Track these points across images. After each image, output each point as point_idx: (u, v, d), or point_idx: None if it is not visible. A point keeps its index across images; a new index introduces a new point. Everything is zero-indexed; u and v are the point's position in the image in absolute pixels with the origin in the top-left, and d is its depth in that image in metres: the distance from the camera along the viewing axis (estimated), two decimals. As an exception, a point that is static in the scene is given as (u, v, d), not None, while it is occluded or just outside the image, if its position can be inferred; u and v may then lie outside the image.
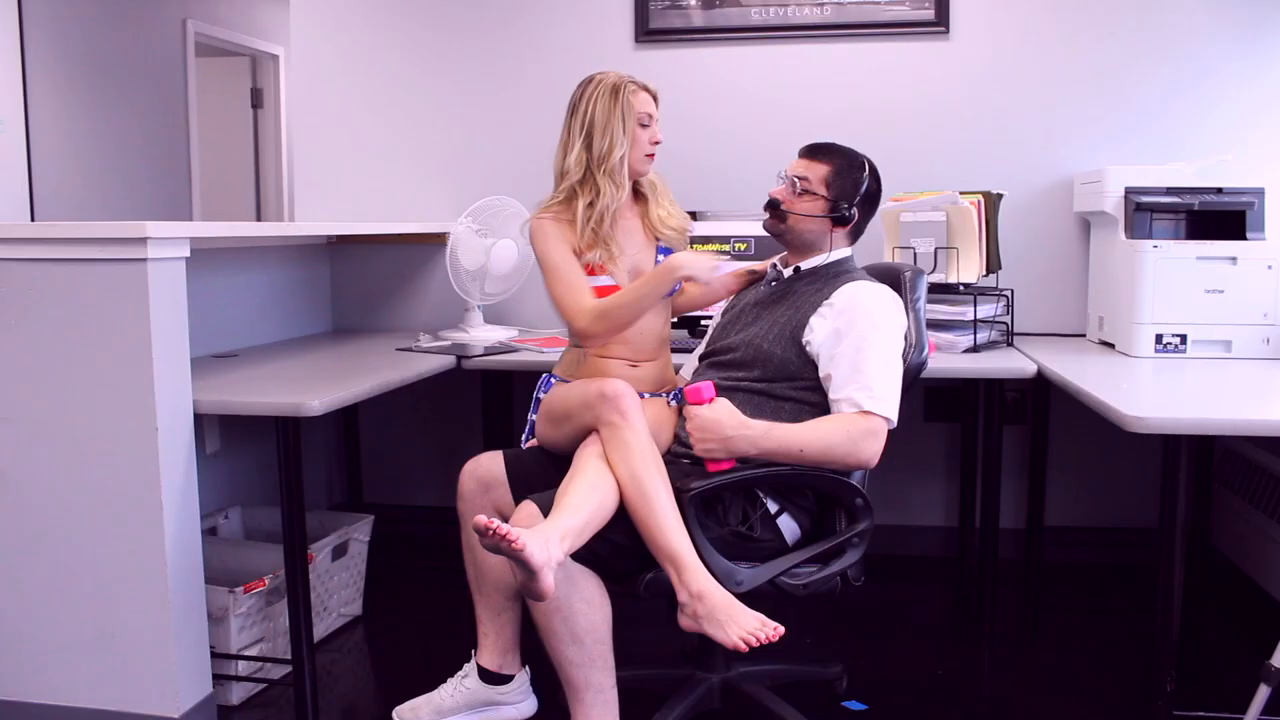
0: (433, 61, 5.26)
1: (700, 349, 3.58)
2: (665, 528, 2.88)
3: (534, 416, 3.48)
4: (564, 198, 3.44)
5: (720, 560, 2.93)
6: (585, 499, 2.88)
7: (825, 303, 3.16)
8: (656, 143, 3.51)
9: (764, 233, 3.42)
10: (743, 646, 2.77)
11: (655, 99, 3.52)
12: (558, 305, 3.42)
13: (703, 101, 4.99)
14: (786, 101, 4.98)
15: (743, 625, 2.79)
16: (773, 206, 3.31)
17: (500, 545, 2.63)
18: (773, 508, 3.08)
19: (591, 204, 3.39)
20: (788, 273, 3.35)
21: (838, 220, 3.27)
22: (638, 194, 3.58)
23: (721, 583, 2.87)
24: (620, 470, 2.94)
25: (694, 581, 2.83)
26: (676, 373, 3.68)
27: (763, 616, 2.80)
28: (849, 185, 3.27)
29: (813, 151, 3.34)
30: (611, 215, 3.42)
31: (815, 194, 3.26)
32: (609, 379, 3.11)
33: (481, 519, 2.63)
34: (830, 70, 4.96)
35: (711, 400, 2.97)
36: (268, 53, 8.75)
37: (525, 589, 2.74)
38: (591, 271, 3.41)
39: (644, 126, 3.46)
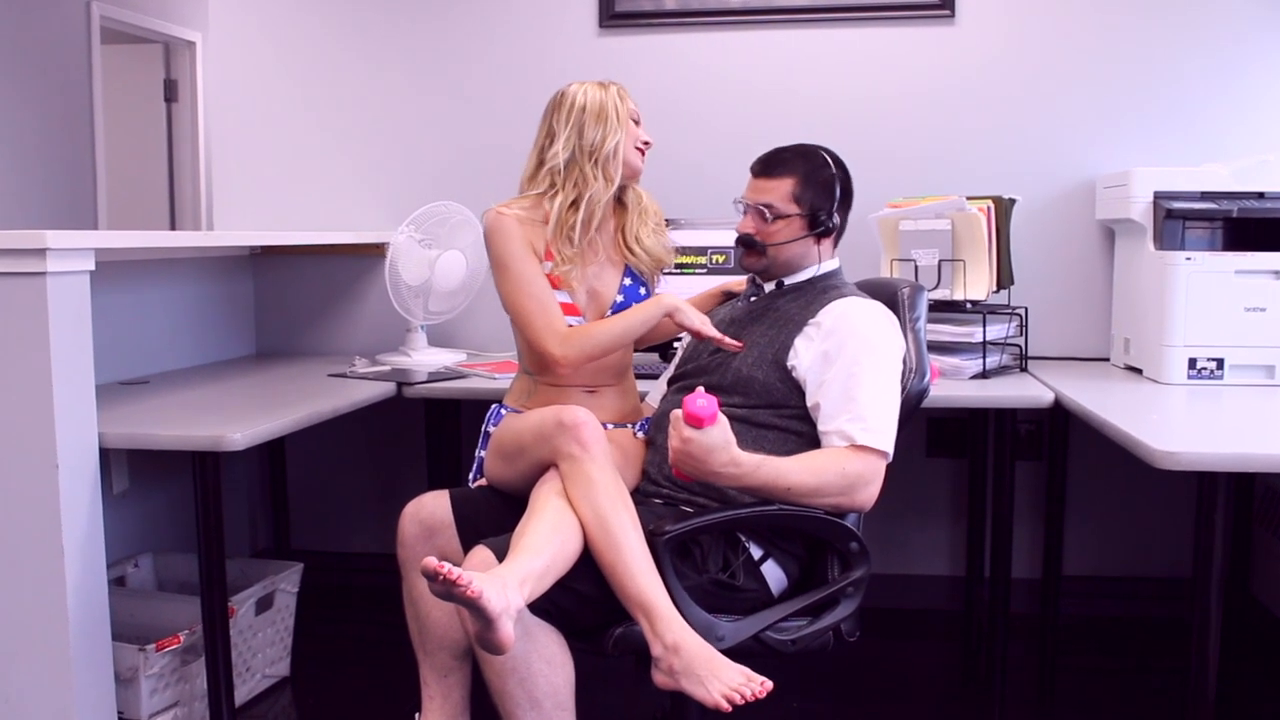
0: (371, 49, 5.27)
1: (669, 372, 3.59)
2: (635, 572, 2.85)
3: (483, 452, 3.48)
4: (540, 191, 3.45)
5: (698, 612, 2.91)
6: (546, 541, 2.85)
7: (811, 322, 3.18)
8: (647, 142, 3.55)
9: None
10: (725, 705, 2.74)
11: (636, 122, 3.58)
12: (521, 321, 3.42)
13: (676, 95, 5.00)
14: (770, 95, 5.00)
15: (725, 680, 2.76)
16: (747, 244, 3.31)
17: (452, 591, 2.57)
18: (756, 553, 3.07)
19: (575, 203, 3.41)
20: (769, 287, 3.37)
21: (821, 233, 3.30)
22: (618, 201, 3.59)
23: (700, 637, 2.84)
24: (583, 509, 2.92)
25: (669, 632, 2.80)
26: (642, 400, 3.70)
27: (748, 670, 2.78)
28: (821, 191, 3.29)
29: (767, 167, 3.33)
30: (599, 215, 3.44)
31: (787, 215, 3.26)
32: (567, 406, 3.09)
33: (431, 561, 2.57)
34: (820, 59, 4.97)
35: (713, 421, 2.86)
36: (183, 39, 8.74)
37: (481, 640, 2.69)
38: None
39: (635, 123, 3.50)
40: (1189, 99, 4.76)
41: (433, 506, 3.35)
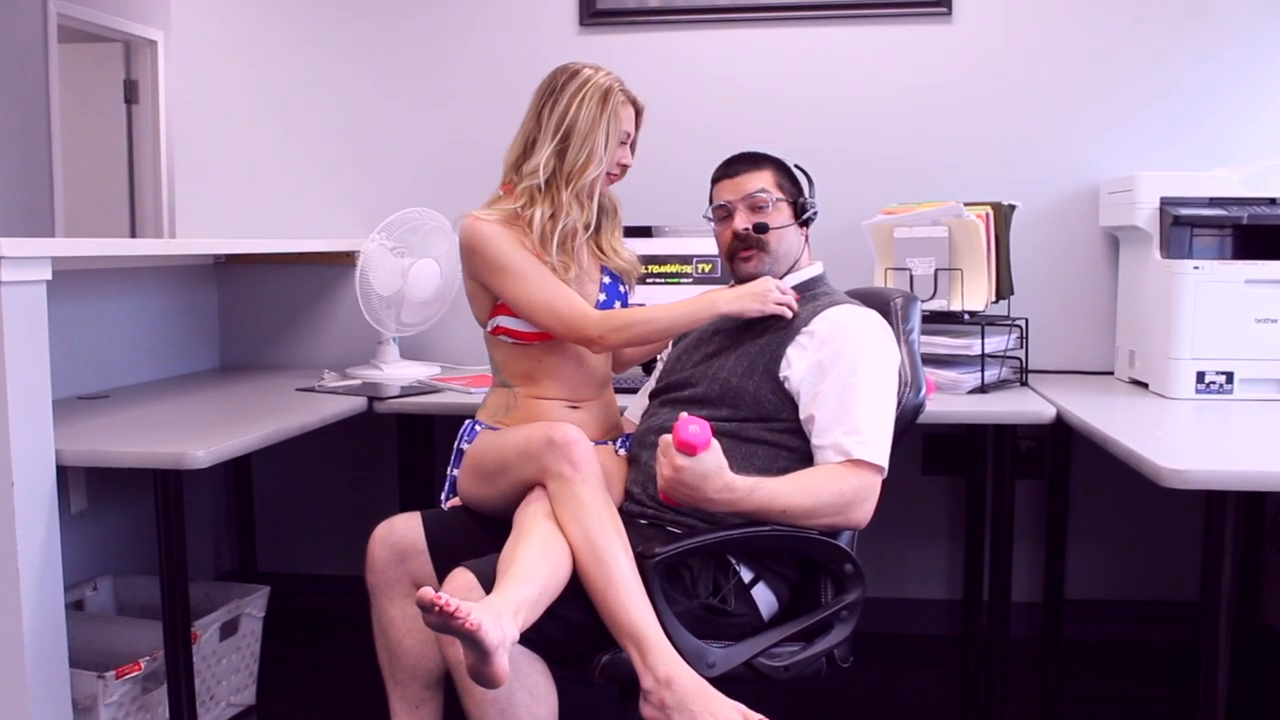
0: (341, 48, 5.26)
1: (650, 385, 3.59)
2: (626, 600, 2.84)
3: (455, 471, 3.46)
4: (522, 203, 3.42)
5: (689, 638, 2.91)
6: (536, 566, 2.83)
7: (804, 330, 3.17)
8: (625, 167, 3.54)
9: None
10: (719, 743, 2.75)
11: (639, 115, 3.57)
12: (547, 313, 3.36)
13: (659, 96, 4.88)
14: (757, 96, 5.00)
15: (720, 717, 2.76)
16: (759, 230, 3.28)
17: (450, 624, 2.55)
18: (747, 576, 3.07)
19: (554, 216, 3.40)
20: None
21: (804, 222, 3.34)
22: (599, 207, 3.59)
23: (690, 665, 2.83)
24: (573, 532, 2.91)
25: (661, 664, 2.79)
26: (621, 415, 3.70)
27: (743, 707, 2.77)
28: (793, 179, 3.35)
29: (741, 164, 3.36)
30: (582, 236, 3.44)
31: (778, 200, 3.30)
32: (556, 423, 3.09)
33: (427, 592, 2.55)
34: (811, 59, 4.97)
35: (706, 448, 2.83)
36: (144, 38, 8.73)
37: (475, 674, 2.67)
38: None
39: (620, 144, 3.48)
40: (1197, 100, 4.76)
41: (404, 529, 3.34)
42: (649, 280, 4.42)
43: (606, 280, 3.56)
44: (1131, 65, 4.78)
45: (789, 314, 3.23)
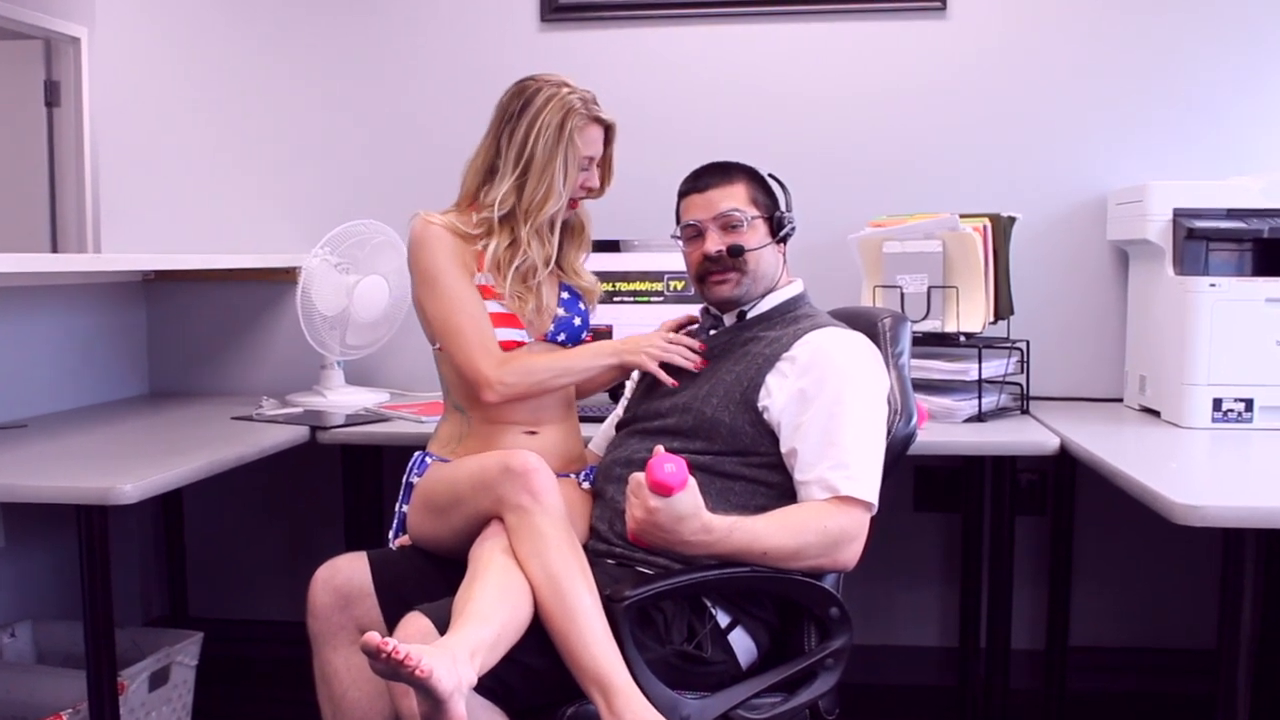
0: (282, 48, 5.25)
1: (617, 414, 3.60)
2: (591, 642, 2.82)
3: (404, 508, 3.45)
4: (479, 232, 3.44)
5: (661, 689, 2.89)
6: (494, 606, 2.81)
7: (785, 356, 3.17)
8: (589, 189, 3.55)
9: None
10: (692, 797, 2.74)
11: (610, 132, 3.57)
12: (450, 339, 3.39)
13: (627, 99, 4.88)
14: (735, 98, 5.00)
15: (692, 771, 2.76)
16: (734, 254, 3.28)
17: (399, 671, 2.52)
18: (724, 620, 3.06)
19: (512, 246, 3.41)
20: (729, 319, 3.38)
21: (784, 237, 3.36)
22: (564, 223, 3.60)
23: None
24: (533, 568, 2.89)
25: (629, 711, 2.77)
26: (585, 445, 3.69)
27: (718, 759, 2.78)
28: (767, 191, 3.37)
29: (712, 178, 3.37)
30: (543, 272, 3.45)
31: (752, 218, 3.31)
32: (513, 451, 3.07)
33: (373, 637, 2.53)
34: (794, 58, 4.98)
35: (682, 488, 2.81)
36: (66, 35, 8.70)
37: None
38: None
39: (581, 170, 3.48)
40: (1214, 102, 4.77)
41: (349, 571, 3.32)
42: (616, 299, 4.42)
43: (565, 296, 3.57)
44: (1142, 64, 4.79)
45: (690, 365, 3.29)
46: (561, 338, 3.53)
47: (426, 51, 5.15)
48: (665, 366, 3.33)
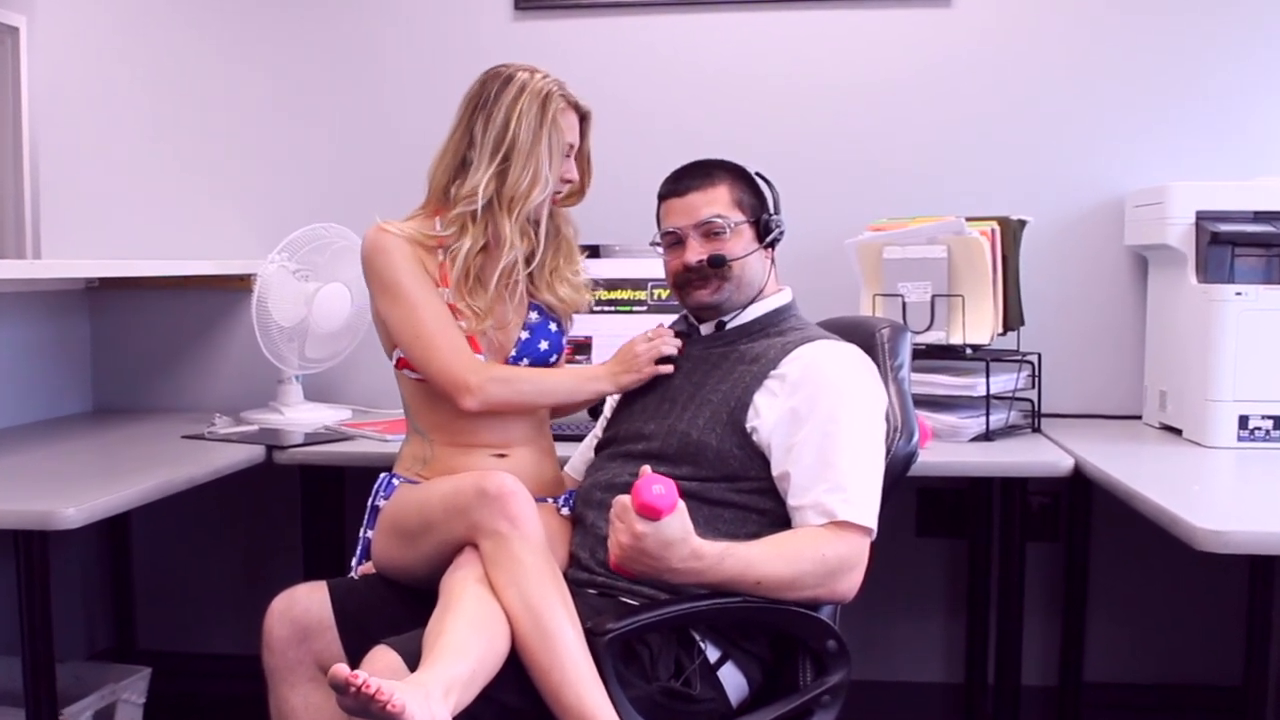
0: (237, 39, 5.24)
1: (596, 434, 3.60)
2: (574, 679, 2.80)
3: (369, 533, 3.44)
4: (451, 232, 3.41)
5: (646, 729, 2.91)
6: (468, 639, 2.79)
7: (773, 373, 3.17)
8: (568, 182, 3.54)
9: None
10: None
11: (585, 121, 3.56)
12: (421, 350, 3.36)
13: (607, 92, 4.84)
14: (724, 93, 5.01)
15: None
16: (716, 264, 3.27)
17: (370, 707, 2.50)
18: (713, 655, 3.05)
19: (486, 248, 3.40)
20: (706, 329, 3.39)
21: (769, 243, 3.35)
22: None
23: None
24: (510, 599, 2.87)
25: (615, 755, 2.79)
26: (561, 468, 3.68)
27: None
28: (753, 192, 3.36)
29: (694, 179, 3.37)
30: (521, 271, 3.43)
31: (737, 223, 3.30)
32: (489, 473, 3.05)
33: (342, 670, 2.50)
34: (787, 49, 4.98)
35: (671, 511, 2.78)
36: (2, 24, 8.70)
37: None
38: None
39: (564, 158, 3.48)
40: (1238, 98, 4.77)
41: (307, 602, 3.29)
42: (596, 309, 4.42)
43: (534, 316, 3.54)
44: (1161, 58, 4.79)
45: (674, 352, 3.32)
46: (525, 363, 3.50)
47: (394, 42, 5.14)
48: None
